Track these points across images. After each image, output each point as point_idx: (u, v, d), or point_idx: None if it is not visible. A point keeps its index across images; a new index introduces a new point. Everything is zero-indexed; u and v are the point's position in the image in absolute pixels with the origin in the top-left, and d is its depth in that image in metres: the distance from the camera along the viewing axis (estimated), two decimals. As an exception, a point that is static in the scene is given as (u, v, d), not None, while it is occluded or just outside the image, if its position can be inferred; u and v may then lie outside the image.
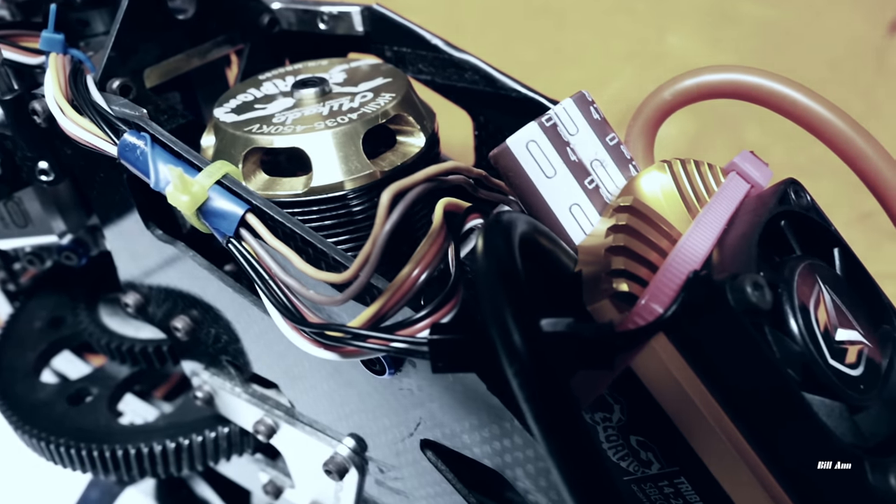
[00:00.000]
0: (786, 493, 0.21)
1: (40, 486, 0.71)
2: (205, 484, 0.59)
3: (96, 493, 0.63)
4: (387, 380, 0.25)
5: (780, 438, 0.20)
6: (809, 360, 0.21)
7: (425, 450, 0.27)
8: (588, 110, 0.26)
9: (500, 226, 0.20)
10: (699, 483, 0.22)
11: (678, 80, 0.27)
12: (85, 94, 0.27)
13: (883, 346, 0.25)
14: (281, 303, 0.23)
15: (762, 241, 0.24)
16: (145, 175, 0.24)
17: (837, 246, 0.25)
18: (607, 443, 0.24)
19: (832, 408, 0.21)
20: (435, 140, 0.30)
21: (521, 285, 0.18)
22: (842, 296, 0.24)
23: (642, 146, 0.27)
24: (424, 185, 0.21)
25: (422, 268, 0.21)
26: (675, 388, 0.21)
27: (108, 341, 0.41)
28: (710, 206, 0.24)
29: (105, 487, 0.63)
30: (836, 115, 0.24)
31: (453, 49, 0.33)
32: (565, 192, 0.24)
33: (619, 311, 0.21)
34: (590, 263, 0.22)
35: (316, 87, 0.30)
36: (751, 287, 0.19)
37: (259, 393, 0.34)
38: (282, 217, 0.23)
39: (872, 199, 0.71)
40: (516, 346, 0.16)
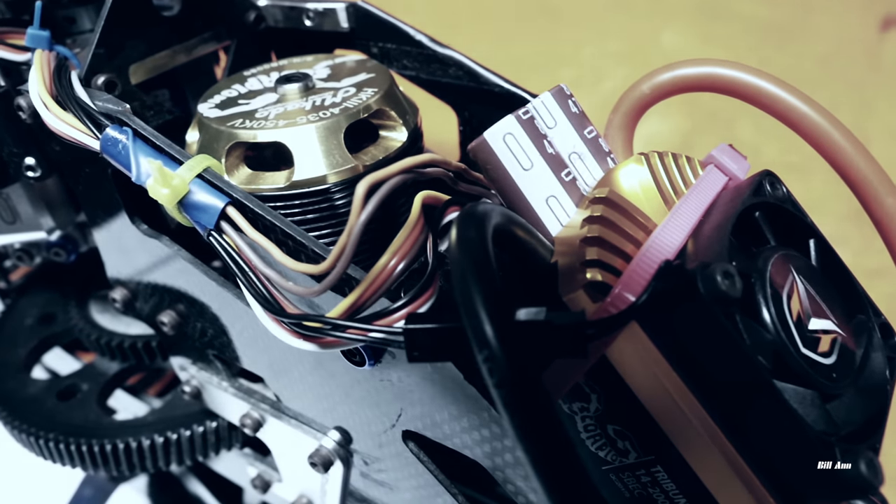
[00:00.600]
0: (758, 480, 0.21)
1: (34, 484, 0.71)
2: (197, 481, 0.59)
3: (90, 491, 0.63)
4: (367, 371, 0.26)
5: (752, 426, 0.21)
6: (781, 348, 0.21)
7: (407, 441, 0.27)
8: (566, 104, 0.26)
9: (474, 217, 0.20)
10: (675, 471, 0.23)
11: (656, 74, 0.27)
12: (68, 89, 0.27)
13: (857, 335, 0.25)
14: (261, 294, 0.23)
15: (736, 231, 0.24)
16: (127, 169, 0.24)
17: (813, 237, 0.25)
18: (585, 432, 0.24)
19: (804, 395, 0.21)
20: (418, 134, 0.30)
21: (492, 275, 0.18)
22: (816, 286, 0.24)
23: (621, 139, 0.28)
24: (400, 176, 0.21)
25: (398, 258, 0.21)
26: (649, 376, 0.21)
27: (97, 337, 0.41)
28: (686, 197, 0.25)
29: (98, 485, 0.63)
30: (811, 107, 0.25)
31: (437, 45, 0.34)
32: (542, 185, 0.24)
33: (594, 301, 0.21)
34: (566, 254, 0.23)
35: (299, 83, 0.30)
36: (721, 276, 0.19)
37: (245, 387, 0.34)
38: (262, 210, 0.24)
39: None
40: (486, 333, 0.17)
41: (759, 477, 0.21)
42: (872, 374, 0.24)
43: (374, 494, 0.32)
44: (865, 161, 0.25)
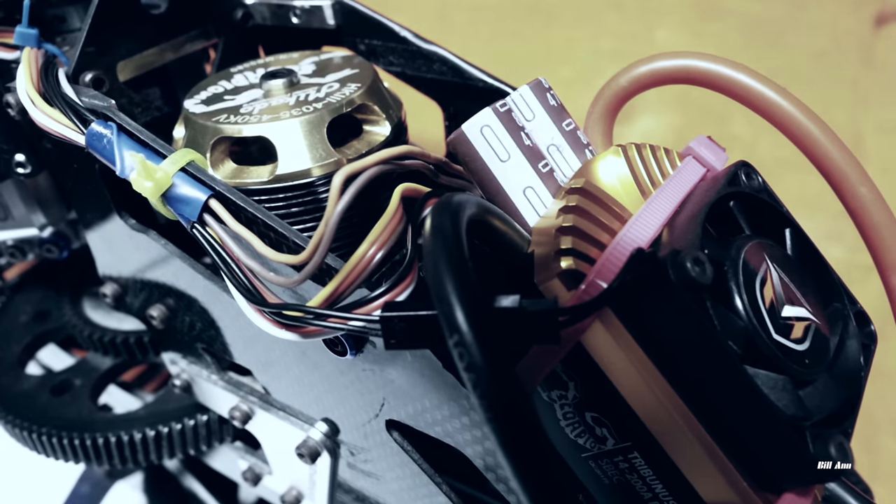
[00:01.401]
0: (732, 465, 0.22)
1: (33, 481, 0.71)
2: (192, 478, 0.59)
3: (87, 488, 0.64)
4: (350, 361, 0.26)
5: (725, 411, 0.21)
6: (752, 334, 0.21)
7: (391, 430, 0.28)
8: (545, 97, 0.26)
9: (448, 207, 0.20)
10: (651, 458, 0.23)
11: (634, 67, 0.27)
12: (55, 86, 0.27)
13: (833, 323, 0.25)
14: (243, 285, 0.23)
15: (711, 221, 0.25)
16: (111, 163, 0.25)
17: (789, 226, 0.26)
18: (564, 420, 0.24)
19: (776, 381, 0.22)
20: (402, 128, 0.31)
21: (465, 262, 0.18)
22: (791, 274, 0.24)
23: (601, 132, 0.28)
24: (377, 167, 0.22)
25: (376, 248, 0.22)
26: (624, 363, 0.21)
27: (90, 333, 0.42)
28: (662, 188, 0.25)
29: (95, 481, 0.63)
30: (786, 98, 0.25)
31: (421, 41, 0.34)
32: (519, 176, 0.24)
33: (568, 289, 0.22)
34: (542, 244, 0.23)
35: (284, 79, 0.30)
36: (691, 263, 0.20)
37: (234, 380, 0.35)
38: (243, 202, 0.24)
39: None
40: (455, 317, 0.17)
41: (733, 462, 0.21)
42: (847, 360, 0.24)
43: (362, 485, 0.32)
44: (839, 150, 0.25)
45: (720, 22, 1.04)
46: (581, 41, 1.00)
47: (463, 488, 0.33)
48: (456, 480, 0.31)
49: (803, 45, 1.02)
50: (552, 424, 0.25)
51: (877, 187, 0.25)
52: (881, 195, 0.25)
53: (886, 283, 0.25)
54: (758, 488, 0.22)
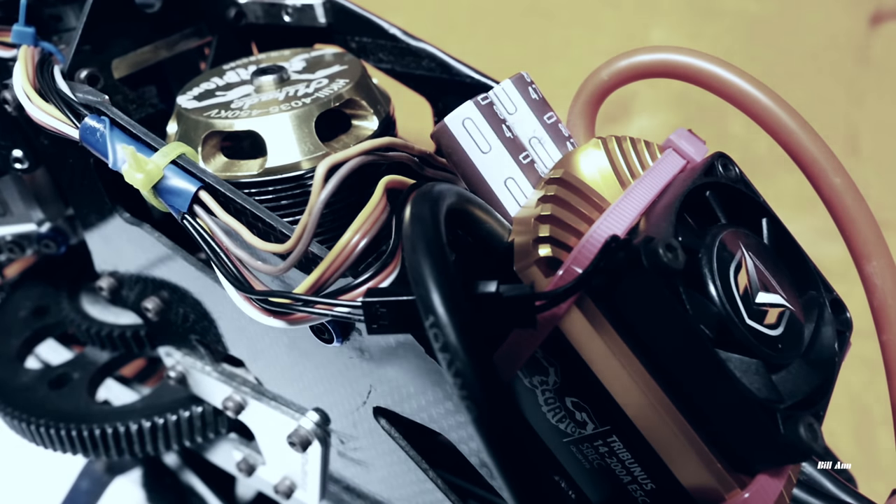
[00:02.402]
0: (707, 447, 0.22)
1: (34, 477, 0.72)
2: (191, 472, 0.60)
3: (87, 483, 0.65)
4: (337, 349, 0.27)
5: (699, 394, 0.22)
6: (725, 318, 0.22)
7: (379, 417, 0.28)
8: (527, 90, 0.27)
9: (428, 196, 0.21)
10: (630, 441, 0.24)
11: (614, 61, 0.28)
12: (51, 82, 0.28)
13: (808, 310, 0.26)
14: (231, 274, 0.24)
15: (689, 211, 0.25)
16: (104, 156, 0.25)
17: (766, 216, 0.26)
18: (546, 406, 0.25)
19: (748, 364, 0.22)
20: (390, 123, 0.32)
21: (442, 248, 0.19)
22: (766, 262, 0.25)
23: (583, 125, 0.29)
24: (360, 158, 0.22)
25: (360, 236, 0.22)
26: (600, 347, 0.22)
27: (87, 327, 0.43)
28: (641, 179, 0.26)
29: (95, 477, 0.64)
30: (761, 91, 0.26)
31: (410, 38, 0.35)
32: (500, 167, 0.25)
33: (546, 276, 0.22)
34: (521, 233, 0.24)
35: (274, 75, 0.31)
36: (663, 249, 0.20)
37: (228, 371, 0.35)
38: (232, 193, 0.25)
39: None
40: (431, 300, 0.18)
41: (708, 444, 0.22)
42: (821, 346, 0.25)
43: (352, 474, 0.33)
44: (815, 142, 0.26)
45: (717, 21, 1.04)
46: (578, 40, 1.01)
47: (456, 482, 0.34)
48: (449, 474, 0.31)
49: (799, 44, 1.03)
50: (535, 411, 0.25)
51: (851, 178, 0.25)
52: (855, 185, 0.25)
53: (861, 271, 0.26)
54: (732, 470, 0.22)
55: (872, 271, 0.25)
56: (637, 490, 0.25)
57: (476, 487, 0.36)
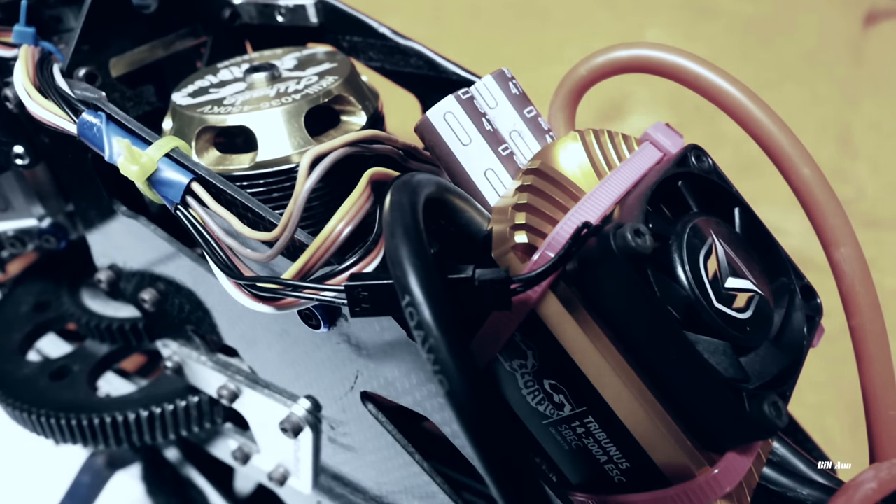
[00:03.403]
0: (678, 427, 0.23)
1: (36, 472, 0.73)
2: (191, 466, 0.61)
3: (87, 478, 0.65)
4: (325, 335, 0.28)
5: (669, 375, 0.22)
6: (694, 301, 0.23)
7: (366, 402, 0.29)
8: (507, 86, 0.28)
9: (408, 184, 0.22)
10: (604, 421, 0.24)
11: (592, 58, 0.29)
12: (50, 79, 0.29)
13: (779, 296, 0.27)
14: (222, 261, 0.25)
15: (662, 200, 0.26)
16: (100, 149, 0.27)
17: (738, 206, 0.27)
18: (525, 389, 0.26)
19: (716, 346, 0.23)
20: (378, 118, 0.33)
21: (420, 233, 0.20)
22: (737, 250, 0.26)
23: (563, 119, 0.30)
24: (343, 149, 0.23)
25: (344, 224, 0.23)
26: (574, 330, 0.23)
27: (87, 320, 0.44)
28: (617, 170, 0.26)
29: (96, 471, 0.65)
30: (733, 84, 0.27)
31: (399, 37, 0.36)
32: (480, 159, 0.26)
33: (522, 262, 0.23)
34: (500, 221, 0.24)
35: (266, 72, 0.32)
36: (631, 234, 0.21)
37: (223, 360, 0.36)
38: (223, 185, 0.26)
39: (848, 188, 0.74)
40: (408, 280, 0.19)
41: (679, 423, 0.23)
42: (791, 330, 0.26)
43: (342, 460, 0.34)
44: (785, 136, 0.27)
45: (712, 22, 1.05)
46: (573, 41, 1.02)
47: (450, 473, 0.35)
48: (444, 467, 0.32)
49: (794, 44, 1.04)
50: (516, 394, 0.26)
51: (819, 168, 0.26)
52: (823, 175, 0.26)
53: (830, 258, 0.27)
54: (702, 448, 0.23)
55: (840, 258, 0.26)
56: (613, 469, 0.25)
57: (470, 479, 0.37)
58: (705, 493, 0.23)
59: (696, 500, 0.23)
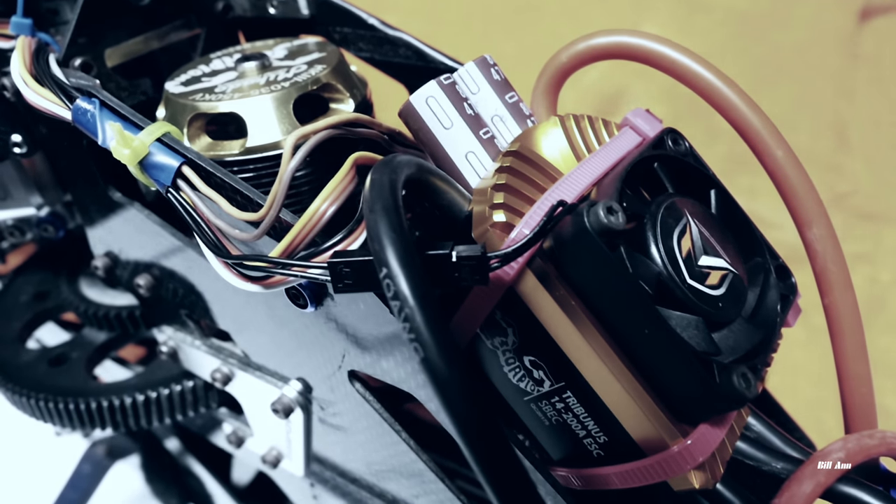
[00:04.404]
0: (652, 399, 0.24)
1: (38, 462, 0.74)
2: (190, 456, 0.62)
3: (88, 468, 0.66)
4: (312, 315, 0.28)
5: (642, 348, 0.23)
6: (666, 278, 0.23)
7: (353, 381, 0.30)
8: (489, 72, 0.29)
9: (389, 164, 0.23)
10: (582, 396, 0.25)
11: (573, 45, 0.29)
12: (46, 68, 0.30)
13: (754, 275, 0.27)
14: (211, 241, 0.26)
15: (638, 182, 0.27)
16: (94, 135, 0.27)
17: (714, 188, 0.28)
18: (507, 366, 0.27)
19: (688, 321, 0.24)
20: (367, 106, 0.33)
21: (398, 209, 0.21)
22: (712, 230, 0.26)
23: (545, 105, 0.30)
24: (327, 131, 0.24)
25: (328, 203, 0.24)
26: (551, 306, 0.24)
27: (85, 308, 0.44)
28: (596, 152, 0.27)
29: (96, 461, 0.66)
30: (708, 69, 0.27)
31: (388, 27, 0.37)
32: (461, 142, 0.27)
33: (500, 240, 0.24)
34: (480, 202, 0.25)
35: (257, 61, 0.33)
36: (604, 211, 0.22)
37: (216, 345, 0.37)
38: (212, 168, 0.27)
39: (846, 181, 0.75)
40: (385, 252, 0.19)
41: (653, 396, 0.24)
42: (765, 308, 0.27)
43: (333, 440, 0.35)
44: (760, 119, 0.27)
45: (707, 16, 1.06)
46: (568, 36, 1.02)
47: (445, 463, 0.36)
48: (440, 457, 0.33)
49: (789, 39, 1.04)
50: (497, 371, 0.27)
51: (792, 150, 0.27)
52: (796, 157, 0.27)
53: (803, 237, 0.27)
54: (676, 420, 0.24)
55: (813, 237, 0.27)
56: (591, 443, 0.26)
57: (462, 467, 0.37)
58: (678, 464, 0.24)
59: (670, 470, 0.24)
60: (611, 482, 0.26)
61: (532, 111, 0.30)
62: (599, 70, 1.05)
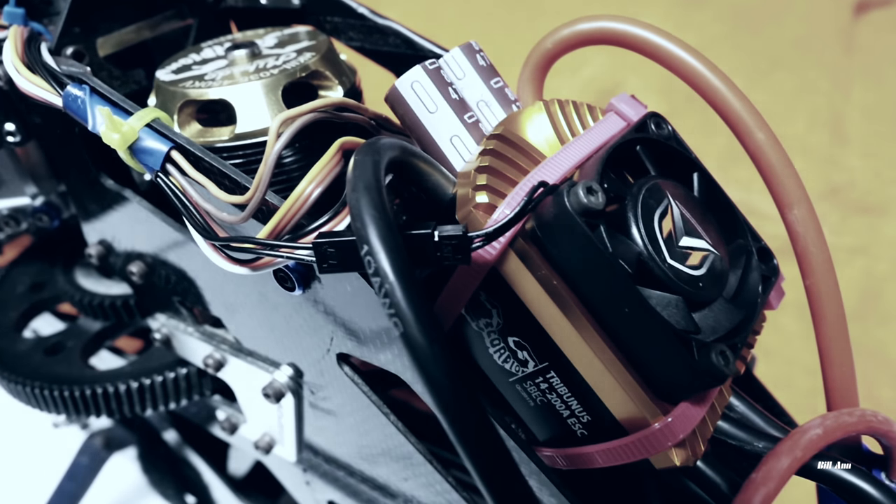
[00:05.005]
0: (633, 378, 0.24)
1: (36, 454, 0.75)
2: (186, 447, 0.63)
3: (86, 459, 0.67)
4: (301, 299, 0.29)
5: (623, 327, 0.23)
6: (646, 257, 0.24)
7: (342, 364, 0.30)
8: (475, 58, 0.29)
9: (372, 146, 0.23)
10: (565, 376, 0.26)
11: (558, 31, 0.30)
12: (37, 56, 0.30)
13: (736, 257, 0.28)
14: (200, 224, 0.26)
15: (622, 165, 0.27)
16: (84, 120, 0.28)
17: (696, 171, 0.28)
18: (492, 347, 0.27)
19: (668, 300, 0.24)
20: (355, 93, 0.34)
21: (380, 190, 0.21)
22: (693, 212, 0.27)
23: (531, 91, 0.31)
24: (312, 114, 0.24)
25: (314, 186, 0.24)
26: (533, 286, 0.24)
27: (80, 298, 0.45)
28: (580, 136, 0.28)
29: (94, 453, 0.67)
30: (690, 53, 0.28)
31: (377, 17, 0.37)
32: (446, 126, 0.27)
33: (483, 221, 0.24)
34: (464, 184, 0.26)
35: (246, 49, 0.33)
36: (584, 191, 0.22)
37: (209, 331, 0.37)
38: (201, 152, 0.27)
39: (842, 174, 0.76)
40: (366, 230, 0.20)
41: (634, 375, 0.24)
42: (746, 288, 0.27)
43: (323, 425, 0.35)
44: (741, 102, 0.28)
45: (703, 11, 1.06)
46: (565, 31, 1.02)
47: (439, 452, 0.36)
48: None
49: (785, 32, 1.04)
50: (483, 353, 0.27)
51: (773, 133, 0.27)
52: (777, 140, 0.27)
53: (785, 219, 0.28)
54: (657, 398, 0.24)
55: (794, 219, 0.27)
56: (575, 423, 0.27)
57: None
58: (659, 441, 0.24)
59: (651, 447, 0.24)
60: (594, 461, 0.26)
61: (518, 97, 0.30)
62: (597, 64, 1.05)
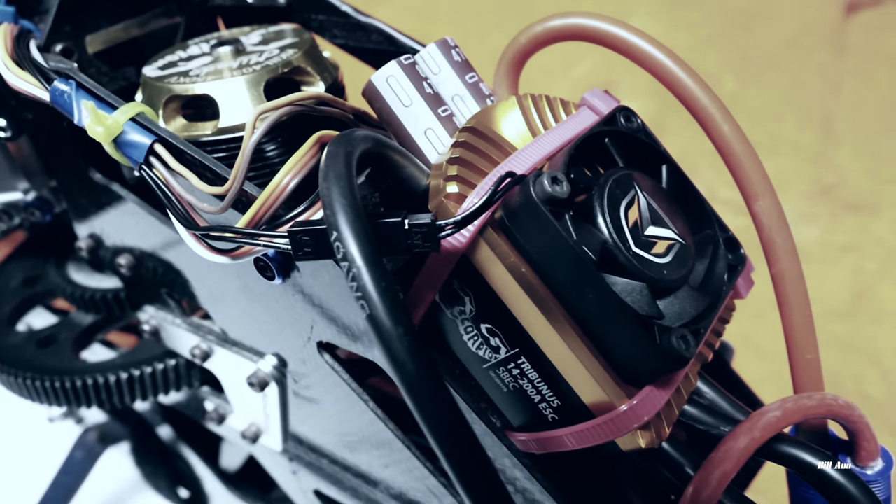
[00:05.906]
0: (600, 363, 0.25)
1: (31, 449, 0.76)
2: (180, 442, 0.63)
3: (81, 454, 0.68)
4: (281, 288, 0.30)
5: (588, 313, 0.24)
6: (611, 245, 0.25)
7: (322, 352, 0.31)
8: (450, 53, 0.30)
9: (345, 138, 0.24)
10: (535, 362, 0.26)
11: (531, 27, 0.31)
12: (26, 52, 0.31)
13: (703, 247, 0.28)
14: (182, 215, 0.27)
15: (592, 158, 0.28)
16: (70, 114, 0.29)
17: (665, 163, 0.29)
18: (466, 335, 0.28)
19: (633, 287, 0.25)
20: (338, 89, 0.34)
21: (350, 179, 0.22)
22: (661, 202, 0.28)
23: (506, 87, 0.32)
24: (289, 107, 0.25)
25: (290, 176, 0.25)
26: (502, 273, 0.25)
27: (72, 291, 0.46)
28: (552, 129, 0.28)
29: (88, 447, 0.67)
30: (659, 49, 0.28)
31: (360, 14, 0.38)
32: (421, 119, 0.28)
33: (454, 211, 0.25)
34: (436, 176, 0.26)
35: (231, 46, 0.34)
36: (549, 181, 0.23)
37: (196, 322, 0.38)
38: (183, 146, 0.28)
39: (833, 173, 0.77)
40: (336, 217, 0.21)
41: (600, 360, 0.25)
42: (712, 277, 0.28)
43: (307, 413, 0.36)
44: (707, 96, 0.28)
45: (695, 10, 1.07)
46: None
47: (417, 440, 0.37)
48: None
49: (776, 32, 1.05)
50: (458, 341, 0.28)
51: (738, 125, 0.28)
52: (742, 132, 0.28)
53: (750, 210, 0.28)
54: (622, 383, 0.25)
55: (760, 210, 0.28)
56: (546, 408, 0.27)
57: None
58: (624, 423, 0.25)
59: (616, 429, 0.25)
60: (564, 444, 0.27)
61: (493, 92, 0.31)
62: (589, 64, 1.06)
